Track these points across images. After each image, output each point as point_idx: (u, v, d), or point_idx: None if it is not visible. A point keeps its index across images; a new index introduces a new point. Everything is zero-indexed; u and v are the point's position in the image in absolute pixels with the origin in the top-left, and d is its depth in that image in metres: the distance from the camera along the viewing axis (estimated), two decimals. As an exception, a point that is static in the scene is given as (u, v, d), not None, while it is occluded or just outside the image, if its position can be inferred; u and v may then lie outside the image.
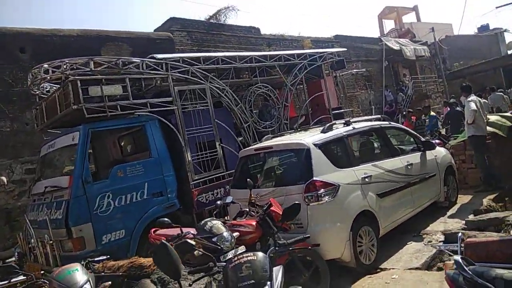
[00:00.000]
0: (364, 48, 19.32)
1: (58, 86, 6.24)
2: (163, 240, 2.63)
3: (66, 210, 4.91)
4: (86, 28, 10.39)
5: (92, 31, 10.46)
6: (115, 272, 3.69)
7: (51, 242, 4.72)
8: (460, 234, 2.65)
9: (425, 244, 5.11)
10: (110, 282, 3.23)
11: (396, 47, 20.56)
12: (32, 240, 5.31)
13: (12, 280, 5.62)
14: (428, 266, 4.58)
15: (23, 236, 5.72)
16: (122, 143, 7.13)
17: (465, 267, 2.11)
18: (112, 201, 5.20)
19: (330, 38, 17.93)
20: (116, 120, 5.75)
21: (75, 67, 5.68)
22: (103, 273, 3.69)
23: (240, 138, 7.30)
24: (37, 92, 6.62)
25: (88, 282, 3.01)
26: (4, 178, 8.03)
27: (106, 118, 5.54)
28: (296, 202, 3.95)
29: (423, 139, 6.67)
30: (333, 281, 4.21)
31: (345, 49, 10.66)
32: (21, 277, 6.13)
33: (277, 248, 3.36)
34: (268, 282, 2.24)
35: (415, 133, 6.74)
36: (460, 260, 2.15)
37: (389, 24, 30.20)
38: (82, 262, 3.75)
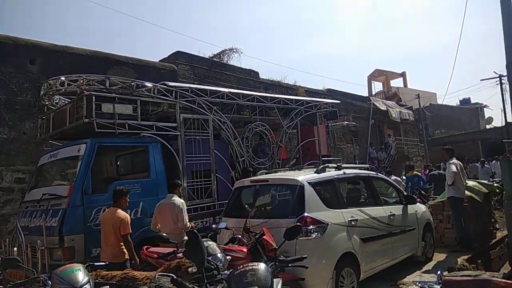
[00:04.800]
0: (353, 104, 20.30)
1: (69, 100, 6.50)
2: (194, 230, 2.94)
3: (62, 219, 5.00)
4: (97, 50, 10.82)
5: (102, 53, 10.90)
6: (108, 281, 3.79)
7: (43, 248, 4.76)
8: (439, 271, 2.95)
9: (402, 294, 5.35)
10: (108, 287, 3.35)
11: (383, 107, 21.66)
12: (18, 247, 5.33)
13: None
14: (404, 313, 4.80)
15: (10, 241, 5.72)
16: (121, 161, 7.31)
17: (444, 297, 2.40)
18: (107, 215, 5.30)
19: (323, 90, 18.88)
20: (123, 138, 6.00)
21: (91, 83, 6.00)
22: (96, 281, 3.78)
23: (234, 172, 7.58)
24: (47, 103, 6.85)
25: (89, 283, 3.11)
26: (-8, 184, 8.04)
27: (113, 135, 5.79)
28: (298, 223, 4.17)
29: (405, 193, 7.07)
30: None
31: (339, 101, 11.33)
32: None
33: (277, 264, 3.55)
34: (270, 289, 2.48)
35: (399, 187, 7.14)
36: (440, 291, 2.44)
37: (377, 86, 31.87)
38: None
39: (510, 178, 6.64)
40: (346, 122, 15.41)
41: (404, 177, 11.91)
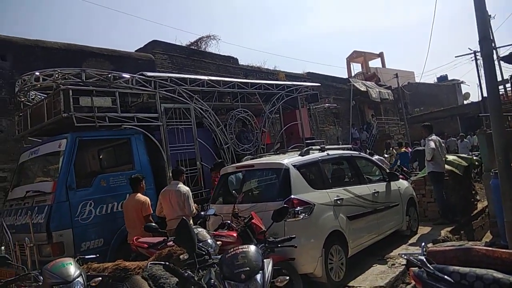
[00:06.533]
0: (334, 87, 20.46)
1: (45, 95, 6.34)
2: (183, 218, 3.02)
3: (48, 215, 4.95)
4: (70, 42, 10.54)
5: (76, 45, 10.63)
6: (100, 273, 3.79)
7: (31, 245, 4.71)
8: (423, 243, 3.06)
9: (389, 267, 5.52)
10: (100, 278, 3.35)
11: (363, 88, 21.90)
12: (6, 246, 5.26)
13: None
14: (392, 285, 4.97)
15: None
16: (104, 155, 7.22)
17: (428, 264, 2.51)
18: (93, 209, 5.30)
19: (303, 74, 18.94)
20: (103, 131, 5.92)
21: (66, 77, 5.86)
22: (88, 274, 3.78)
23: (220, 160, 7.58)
24: (23, 99, 6.67)
25: (81, 276, 3.12)
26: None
27: (94, 128, 5.70)
28: (285, 205, 4.23)
29: (387, 170, 7.23)
30: (305, 296, 4.49)
31: (319, 84, 11.40)
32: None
33: (266, 245, 3.61)
34: (261, 271, 2.53)
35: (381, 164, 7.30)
36: (424, 259, 2.55)
37: (356, 67, 32.13)
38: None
39: (488, 151, 6.87)
40: (327, 105, 15.55)
41: (386, 155, 12.18)
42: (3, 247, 5.49)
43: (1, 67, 9.18)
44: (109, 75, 6.19)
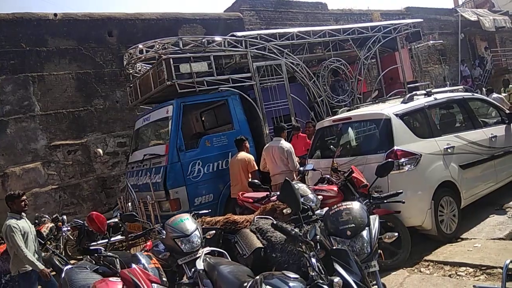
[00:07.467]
0: (438, 20, 18.19)
1: (150, 65, 6.86)
2: (286, 179, 3.13)
3: (164, 175, 5.53)
4: (164, 12, 11.06)
5: (170, 14, 11.11)
6: (212, 226, 4.16)
7: (152, 202, 5.36)
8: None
9: (509, 217, 5.02)
10: (214, 231, 3.69)
11: (473, 18, 19.07)
12: (132, 202, 6.05)
13: (112, 239, 6.47)
14: (513, 237, 4.53)
15: (124, 198, 6.53)
16: (205, 117, 7.69)
17: None
18: (202, 168, 5.76)
19: (401, 10, 17.14)
20: (203, 95, 6.26)
21: (166, 47, 6.23)
22: (203, 227, 4.18)
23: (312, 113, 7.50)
24: (131, 71, 7.33)
25: (197, 230, 3.46)
26: (100, 150, 9.10)
27: (194, 93, 6.05)
28: (390, 160, 4.06)
29: (508, 111, 6.37)
30: (413, 248, 4.35)
31: (421, 19, 10.24)
32: (119, 237, 7.01)
33: (371, 201, 3.56)
34: (367, 227, 2.50)
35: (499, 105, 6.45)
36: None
37: (465, -6, 27.90)
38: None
39: None
40: (431, 42, 13.91)
41: (504, 94, 10.65)
42: (129, 204, 6.33)
43: (109, 42, 10.09)
44: (203, 40, 6.41)
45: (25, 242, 4.31)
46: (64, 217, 7.14)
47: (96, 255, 3.23)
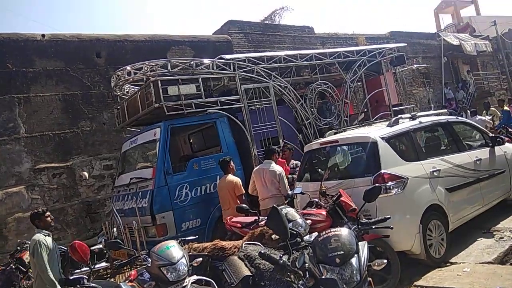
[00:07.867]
0: (421, 44, 18.71)
1: (138, 87, 6.85)
2: (274, 206, 3.07)
3: (151, 199, 5.44)
4: (154, 33, 11.15)
5: (159, 35, 11.20)
6: (200, 253, 4.07)
7: (138, 227, 5.24)
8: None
9: (497, 240, 5.04)
10: (201, 259, 3.61)
11: (455, 42, 19.68)
12: (117, 228, 5.90)
13: (96, 266, 6.27)
14: (501, 261, 4.53)
15: (109, 223, 6.37)
16: (193, 139, 7.66)
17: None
18: (189, 192, 5.69)
19: (385, 34, 17.59)
20: (191, 117, 6.26)
21: (154, 69, 6.24)
22: (190, 253, 4.09)
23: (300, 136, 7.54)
24: (119, 93, 7.30)
25: (184, 257, 3.38)
26: (86, 173, 8.94)
27: (182, 115, 6.03)
28: (377, 184, 4.08)
29: (491, 134, 6.50)
30: (403, 273, 4.31)
31: (405, 44, 10.51)
32: (104, 264, 6.81)
33: (359, 227, 3.53)
34: (356, 254, 2.47)
35: (483, 128, 6.58)
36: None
37: (446, 19, 28.86)
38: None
39: None
40: (415, 65, 14.30)
41: (488, 117, 10.90)
42: (115, 229, 6.18)
43: (97, 63, 10.05)
44: (192, 62, 6.46)
45: (48, 261, 4.18)
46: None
47: (78, 286, 3.11)
